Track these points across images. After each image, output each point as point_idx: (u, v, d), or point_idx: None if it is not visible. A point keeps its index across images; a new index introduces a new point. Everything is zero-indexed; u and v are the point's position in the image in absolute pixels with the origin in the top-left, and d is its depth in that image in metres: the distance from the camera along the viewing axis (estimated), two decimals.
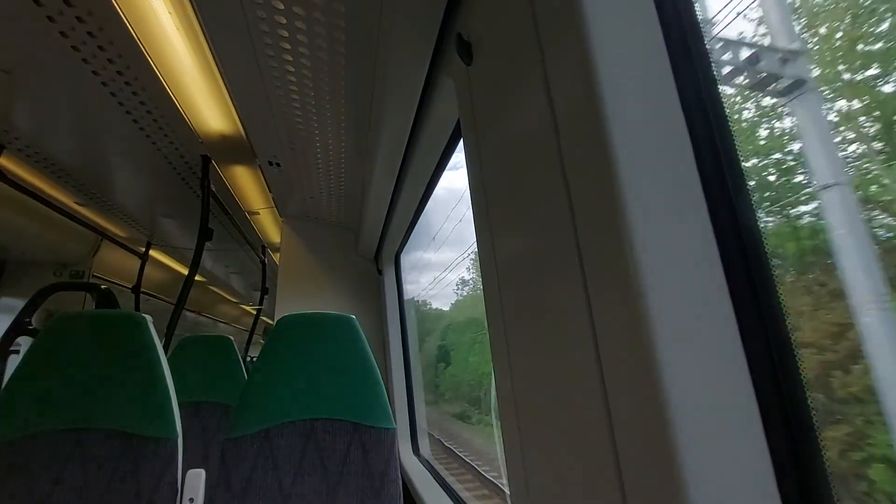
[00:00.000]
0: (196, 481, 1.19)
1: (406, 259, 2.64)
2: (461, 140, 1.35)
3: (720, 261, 0.45)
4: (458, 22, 0.87)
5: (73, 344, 1.28)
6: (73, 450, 1.18)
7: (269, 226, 3.17)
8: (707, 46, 0.50)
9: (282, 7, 1.01)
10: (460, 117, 0.88)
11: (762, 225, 0.46)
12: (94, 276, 3.24)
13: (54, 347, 1.27)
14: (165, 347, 2.03)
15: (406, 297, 2.58)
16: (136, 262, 3.45)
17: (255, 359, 4.41)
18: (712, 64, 0.50)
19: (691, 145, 0.48)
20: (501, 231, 0.72)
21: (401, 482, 1.31)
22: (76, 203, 2.56)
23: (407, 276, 2.64)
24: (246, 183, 2.45)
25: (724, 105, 0.48)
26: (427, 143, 1.35)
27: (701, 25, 0.50)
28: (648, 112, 0.47)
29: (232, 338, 2.40)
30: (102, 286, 1.81)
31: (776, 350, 0.44)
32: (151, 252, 3.53)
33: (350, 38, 1.09)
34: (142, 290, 3.45)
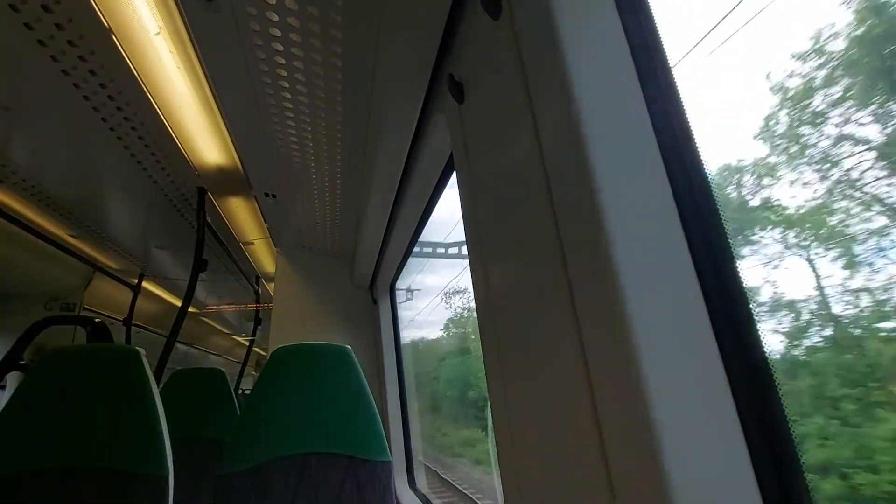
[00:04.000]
0: None
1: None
2: (454, 172, 1.39)
3: (699, 286, 0.48)
4: (450, 63, 0.91)
5: (65, 379, 1.27)
6: (59, 489, 1.15)
7: (264, 256, 3.17)
8: (675, 82, 0.54)
9: (281, 48, 1.05)
10: (453, 152, 0.90)
11: (735, 251, 0.50)
12: (85, 308, 3.21)
13: (46, 383, 1.26)
14: (157, 380, 2.00)
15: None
16: (128, 294, 3.42)
17: (246, 392, 4.33)
18: (681, 98, 0.54)
19: (668, 179, 0.51)
20: (494, 262, 0.74)
21: None
22: (70, 235, 2.56)
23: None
24: (241, 214, 2.46)
25: (695, 138, 0.51)
26: (421, 176, 1.38)
27: (670, 64, 0.55)
28: (628, 149, 0.50)
29: (224, 370, 2.37)
30: (96, 320, 1.80)
31: (754, 369, 0.46)
32: (144, 283, 3.51)
33: (346, 76, 1.13)
34: (133, 322, 3.42)
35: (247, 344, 4.99)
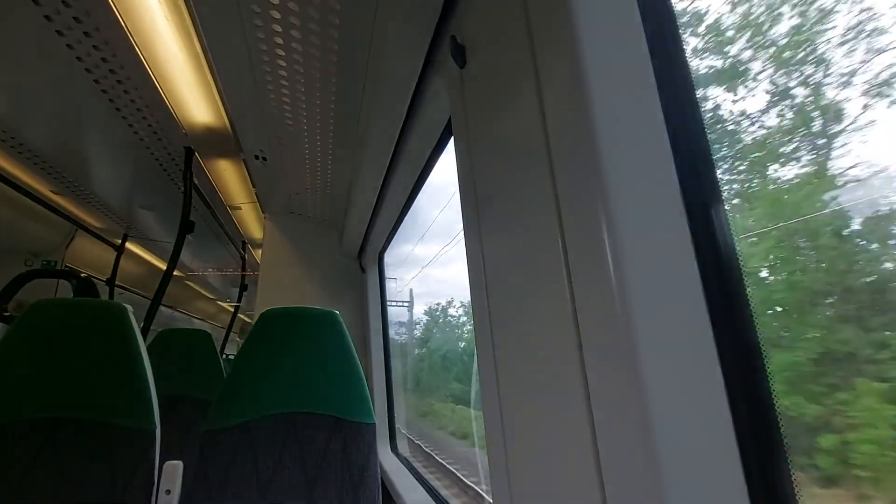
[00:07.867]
0: (173, 473, 1.18)
1: None
2: (450, 141, 1.37)
3: (696, 262, 0.47)
4: (452, 25, 0.89)
5: (51, 332, 1.26)
6: (46, 439, 1.16)
7: (251, 221, 3.13)
8: (686, 55, 0.53)
9: (276, 2, 1.01)
10: (451, 119, 0.89)
11: (733, 227, 0.49)
12: (66, 266, 3.16)
13: (30, 335, 1.25)
14: None
15: None
16: (112, 254, 3.37)
17: (230, 357, 4.34)
18: (690, 72, 0.53)
19: (672, 153, 0.50)
20: (490, 231, 0.73)
21: (379, 476, 1.33)
22: (51, 191, 2.49)
23: None
24: (229, 177, 2.42)
25: (702, 113, 0.51)
26: (415, 144, 1.37)
27: (681, 35, 0.54)
28: (634, 120, 0.49)
29: (210, 332, 2.37)
30: (82, 274, 1.77)
31: (747, 356, 0.46)
32: (127, 244, 3.46)
33: (344, 36, 1.10)
34: (116, 283, 3.38)
35: (231, 310, 4.97)
